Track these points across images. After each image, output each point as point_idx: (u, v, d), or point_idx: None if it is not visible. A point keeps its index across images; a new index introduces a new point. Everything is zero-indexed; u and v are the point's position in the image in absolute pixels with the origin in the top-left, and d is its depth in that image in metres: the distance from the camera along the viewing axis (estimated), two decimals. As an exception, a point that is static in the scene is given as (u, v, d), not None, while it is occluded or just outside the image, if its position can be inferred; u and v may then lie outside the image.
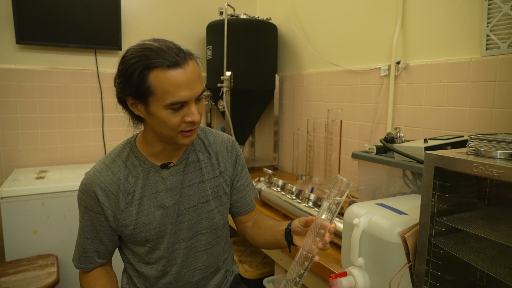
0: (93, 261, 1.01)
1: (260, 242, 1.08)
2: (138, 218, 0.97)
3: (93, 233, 0.99)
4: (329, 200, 0.85)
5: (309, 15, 2.27)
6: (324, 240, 0.83)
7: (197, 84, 0.88)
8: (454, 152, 0.80)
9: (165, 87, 0.84)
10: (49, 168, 2.17)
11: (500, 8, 1.29)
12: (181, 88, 0.84)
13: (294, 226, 0.95)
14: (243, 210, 1.14)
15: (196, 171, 1.04)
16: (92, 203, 0.96)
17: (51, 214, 1.82)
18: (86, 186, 0.96)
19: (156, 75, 0.83)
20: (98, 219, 0.97)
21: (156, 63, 0.83)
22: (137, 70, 0.84)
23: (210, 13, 2.59)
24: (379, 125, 1.79)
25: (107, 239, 1.00)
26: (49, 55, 2.22)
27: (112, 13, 2.27)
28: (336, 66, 2.04)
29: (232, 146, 1.12)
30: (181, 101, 0.86)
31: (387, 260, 0.89)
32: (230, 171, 1.10)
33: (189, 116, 0.88)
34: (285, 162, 2.58)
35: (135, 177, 0.97)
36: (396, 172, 1.39)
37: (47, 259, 1.75)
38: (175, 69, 0.84)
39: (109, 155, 1.01)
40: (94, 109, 2.37)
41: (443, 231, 0.84)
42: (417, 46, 1.61)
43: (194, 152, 1.05)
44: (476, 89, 1.38)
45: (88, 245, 0.99)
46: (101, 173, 0.96)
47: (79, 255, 1.00)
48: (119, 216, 0.96)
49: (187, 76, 0.85)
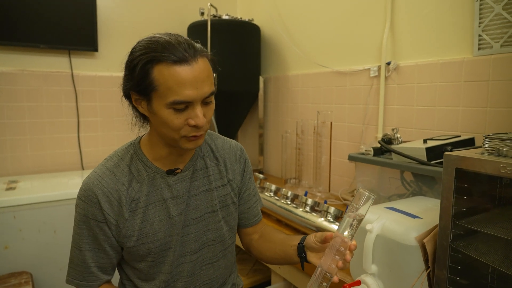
0: (97, 277, 0.89)
1: (268, 256, 1.02)
2: (141, 228, 0.88)
3: (95, 245, 0.88)
4: (351, 216, 0.79)
5: (293, 15, 2.24)
6: (345, 259, 0.77)
7: (205, 84, 0.80)
8: (474, 153, 0.78)
9: (168, 83, 0.77)
10: (20, 178, 2.01)
11: (492, 8, 1.30)
12: (186, 86, 0.77)
13: (309, 242, 0.88)
14: (250, 222, 1.08)
15: (203, 178, 0.96)
16: (94, 211, 0.85)
17: (23, 227, 1.68)
18: (86, 192, 0.86)
19: (160, 70, 0.77)
20: (101, 228, 0.86)
21: (161, 57, 0.76)
22: (140, 62, 0.78)
23: (190, 13, 2.50)
24: (370, 126, 1.78)
25: (111, 251, 0.89)
26: (17, 56, 2.06)
27: (87, 11, 2.14)
28: (323, 67, 2.01)
29: (241, 153, 1.06)
30: (184, 101, 0.78)
31: (404, 266, 0.86)
32: (238, 180, 1.03)
33: (193, 119, 0.80)
34: (271, 166, 2.53)
35: (139, 183, 0.89)
36: (393, 173, 1.37)
37: (21, 277, 1.60)
38: (181, 65, 0.77)
39: (111, 158, 0.91)
40: (68, 113, 2.22)
41: (461, 234, 0.81)
42: (407, 47, 1.61)
43: (201, 158, 0.98)
44: (469, 89, 1.39)
45: (89, 259, 0.87)
46: (103, 177, 0.87)
47: (81, 271, 0.88)
48: (122, 226, 0.87)
49: (194, 74, 0.78)
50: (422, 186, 1.26)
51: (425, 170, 1.16)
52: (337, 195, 1.89)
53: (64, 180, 2.00)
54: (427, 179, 1.23)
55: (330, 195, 1.92)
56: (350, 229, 0.78)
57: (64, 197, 1.76)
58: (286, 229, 1.49)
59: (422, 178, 1.24)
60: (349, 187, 1.89)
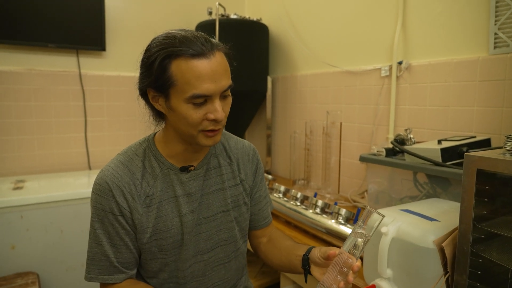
0: (121, 271, 0.87)
1: (274, 262, 1.00)
2: (156, 224, 0.86)
3: (116, 240, 0.86)
4: (357, 235, 0.76)
5: (301, 15, 2.21)
6: (347, 280, 0.74)
7: (223, 78, 0.79)
8: (495, 154, 0.75)
9: (187, 77, 0.76)
10: (27, 178, 2.00)
11: (509, 5, 1.27)
12: (204, 80, 0.76)
13: (313, 256, 0.86)
14: (259, 224, 1.06)
15: (216, 177, 0.95)
16: (110, 204, 0.84)
17: (31, 227, 1.67)
18: (101, 186, 0.85)
19: (178, 64, 0.76)
20: (119, 221, 0.85)
21: (179, 51, 0.76)
22: (158, 58, 0.77)
23: (198, 13, 2.49)
24: (380, 126, 1.75)
25: (132, 245, 0.87)
26: (26, 56, 2.06)
27: (95, 11, 2.13)
28: (333, 67, 1.99)
29: (253, 153, 1.05)
30: (203, 94, 0.77)
31: (421, 270, 0.83)
32: (250, 180, 1.02)
33: (212, 113, 0.79)
34: (278, 167, 2.50)
35: (153, 178, 0.88)
36: (405, 175, 1.34)
37: (27, 278, 1.59)
38: (199, 59, 0.76)
39: (125, 152, 0.91)
40: (76, 113, 2.21)
41: (481, 238, 0.78)
42: (419, 45, 1.58)
43: (215, 157, 0.97)
44: (484, 88, 1.35)
45: (111, 254, 0.85)
46: (117, 171, 0.86)
47: (105, 266, 0.85)
48: (137, 221, 0.85)
49: (212, 68, 0.77)
50: (436, 188, 1.22)
51: (440, 172, 1.13)
52: (346, 197, 1.86)
53: (71, 180, 1.99)
54: (441, 180, 1.19)
55: (340, 196, 1.89)
56: (354, 249, 0.75)
57: (71, 197, 1.75)
58: (296, 231, 1.46)
59: (436, 179, 1.21)
60: (358, 188, 1.86)
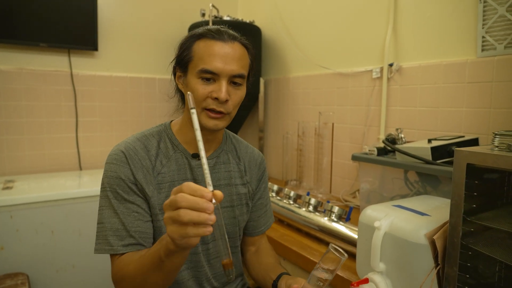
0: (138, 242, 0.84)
1: (252, 274, 1.05)
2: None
3: (134, 207, 0.85)
4: (318, 274, 0.77)
5: (294, 17, 2.24)
6: None
7: (234, 63, 0.85)
8: (485, 149, 0.77)
9: (201, 53, 0.85)
10: (17, 178, 1.98)
11: (495, 9, 1.31)
12: (215, 58, 0.84)
13: (280, 286, 0.88)
14: (254, 231, 1.08)
15: (225, 172, 0.99)
16: (125, 171, 0.85)
17: (20, 228, 1.65)
18: (117, 155, 0.87)
19: (199, 43, 0.86)
20: (134, 191, 0.86)
21: (204, 34, 0.86)
22: (187, 39, 0.89)
23: (191, 14, 2.50)
24: (372, 127, 1.78)
25: (147, 214, 0.87)
26: (16, 55, 2.04)
27: (88, 10, 2.13)
28: (325, 69, 2.01)
29: (261, 161, 1.09)
30: (211, 71, 0.83)
31: (413, 264, 0.84)
32: (254, 184, 1.06)
33: (216, 92, 0.84)
34: (271, 168, 2.51)
35: (167, 158, 0.92)
36: (396, 173, 1.36)
37: (17, 279, 1.57)
38: (217, 41, 0.85)
39: (142, 132, 0.95)
40: (67, 113, 2.19)
41: (471, 231, 0.81)
42: (410, 48, 1.61)
43: (226, 153, 1.01)
44: (473, 90, 1.39)
45: (129, 222, 0.84)
46: (134, 145, 0.89)
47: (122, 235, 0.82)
48: (150, 194, 0.87)
49: (225, 51, 0.85)
50: (427, 186, 1.25)
51: (430, 170, 1.16)
52: (338, 197, 1.88)
53: (62, 181, 1.97)
54: (431, 179, 1.22)
55: (331, 196, 1.91)
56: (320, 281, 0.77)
57: (62, 197, 1.73)
58: (289, 230, 1.47)
59: (427, 178, 1.24)
60: (350, 188, 1.88)
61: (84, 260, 1.76)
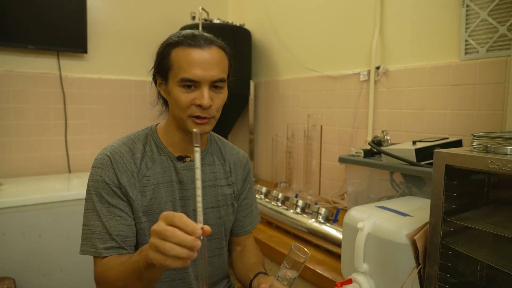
0: (120, 246, 0.86)
1: (236, 274, 1.07)
2: (150, 205, 0.90)
3: (117, 211, 0.87)
4: (283, 274, 0.79)
5: (284, 21, 2.26)
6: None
7: (214, 68, 0.86)
8: (463, 150, 0.79)
9: (181, 62, 0.85)
10: (4, 181, 1.96)
11: (478, 14, 1.34)
12: (195, 66, 0.84)
13: (254, 285, 0.91)
14: (240, 231, 1.09)
15: (210, 174, 1.00)
16: (110, 175, 0.87)
17: (7, 231, 1.63)
18: (102, 159, 0.89)
19: (177, 52, 0.87)
20: (118, 195, 0.88)
21: (180, 41, 0.87)
22: (164, 47, 0.89)
23: (181, 17, 2.50)
24: (359, 129, 1.80)
25: (130, 218, 0.88)
26: (4, 57, 2.02)
27: (77, 13, 2.12)
28: (314, 71, 2.03)
29: (246, 162, 1.11)
30: (191, 79, 0.84)
31: (395, 264, 0.86)
32: (239, 185, 1.07)
33: (199, 99, 0.86)
34: (261, 170, 2.52)
35: (152, 161, 0.93)
36: (383, 175, 1.38)
37: (3, 283, 1.56)
38: (194, 48, 0.86)
39: (128, 136, 0.96)
40: (56, 116, 2.18)
41: (451, 231, 0.82)
42: (396, 51, 1.64)
43: (211, 155, 1.02)
44: (457, 93, 1.41)
45: (111, 226, 0.85)
46: (119, 148, 0.91)
47: (105, 238, 0.84)
48: (134, 198, 0.88)
49: (204, 57, 0.85)
50: (412, 187, 1.27)
51: (414, 171, 1.18)
52: (327, 199, 1.90)
53: (50, 184, 1.96)
54: (416, 180, 1.24)
55: (320, 198, 1.92)
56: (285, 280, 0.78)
57: (50, 200, 1.72)
58: (277, 231, 1.48)
59: (412, 179, 1.25)
60: (339, 190, 1.90)
61: (72, 264, 1.75)
